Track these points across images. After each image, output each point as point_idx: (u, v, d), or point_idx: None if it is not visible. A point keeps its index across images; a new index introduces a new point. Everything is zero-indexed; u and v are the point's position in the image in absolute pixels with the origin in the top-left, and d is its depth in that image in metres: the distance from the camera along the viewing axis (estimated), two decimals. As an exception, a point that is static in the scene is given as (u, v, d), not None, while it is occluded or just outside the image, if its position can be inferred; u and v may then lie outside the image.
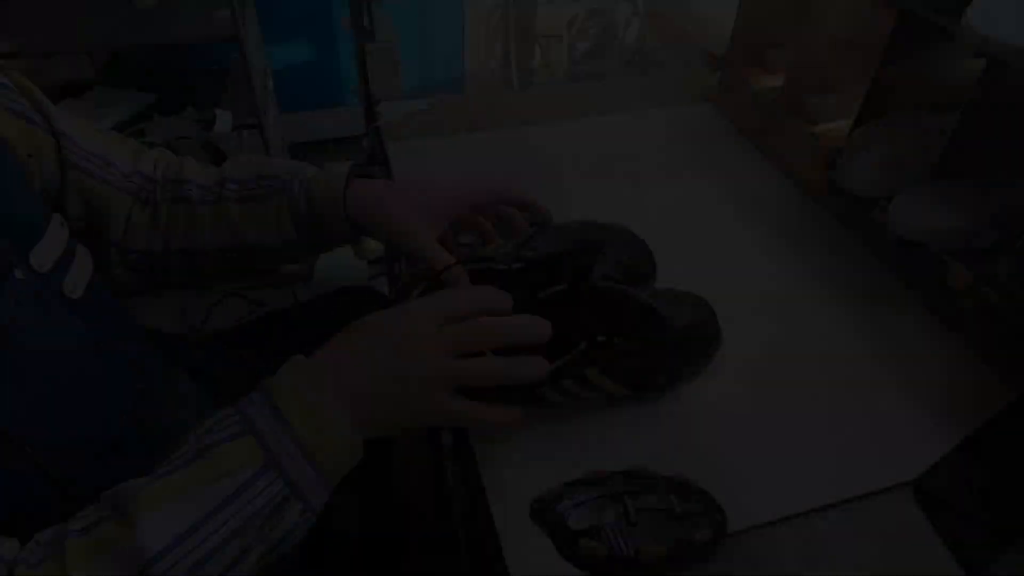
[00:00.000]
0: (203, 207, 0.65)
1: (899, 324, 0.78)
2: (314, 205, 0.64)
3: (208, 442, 0.44)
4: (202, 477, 0.43)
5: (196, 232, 0.65)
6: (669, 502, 0.58)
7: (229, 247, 0.65)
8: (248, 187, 0.65)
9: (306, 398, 0.46)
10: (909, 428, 0.67)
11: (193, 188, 0.65)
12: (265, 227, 0.64)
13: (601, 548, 0.55)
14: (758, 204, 0.94)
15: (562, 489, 0.59)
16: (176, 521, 0.41)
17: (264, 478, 0.43)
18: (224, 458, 0.43)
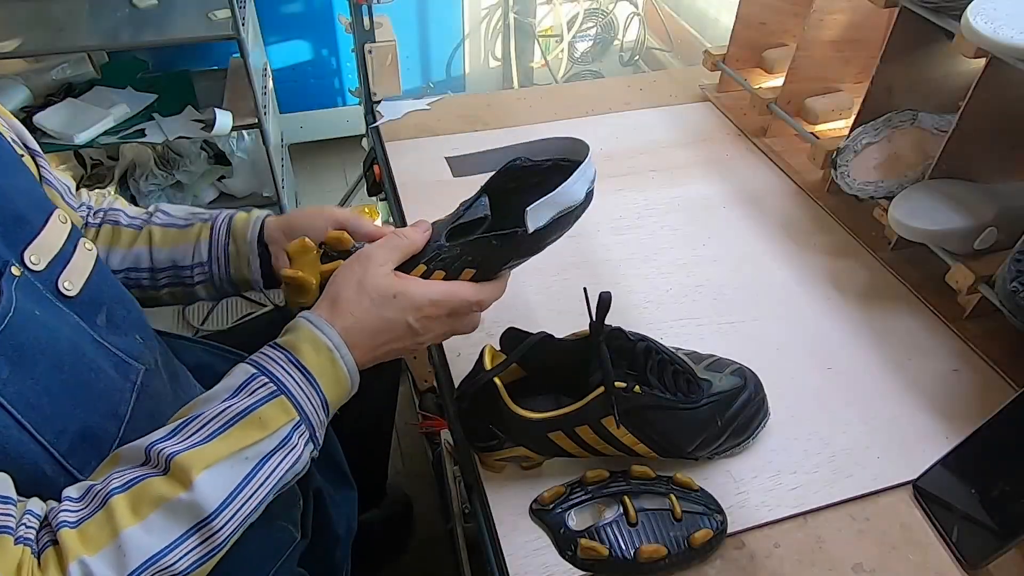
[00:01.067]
0: (127, 230, 0.69)
1: (899, 324, 0.78)
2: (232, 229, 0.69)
3: (245, 407, 0.48)
4: (247, 438, 0.47)
5: (113, 249, 0.69)
6: (669, 502, 0.58)
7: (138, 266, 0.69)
8: (177, 217, 0.70)
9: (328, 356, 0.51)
10: (909, 428, 0.67)
11: (122, 216, 0.70)
12: (179, 245, 0.69)
13: (601, 548, 0.55)
14: (758, 204, 0.94)
15: (562, 489, 0.59)
16: (230, 477, 0.46)
17: (297, 431, 0.50)
18: (264, 419, 0.48)
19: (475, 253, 0.57)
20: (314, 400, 0.51)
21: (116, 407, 0.53)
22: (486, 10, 2.29)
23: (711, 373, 0.63)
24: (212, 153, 1.93)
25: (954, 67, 0.86)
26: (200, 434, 0.47)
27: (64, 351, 0.50)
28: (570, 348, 0.60)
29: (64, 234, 0.54)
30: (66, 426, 0.49)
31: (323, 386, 0.51)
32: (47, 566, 0.41)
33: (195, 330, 1.85)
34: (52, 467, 0.48)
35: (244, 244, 0.69)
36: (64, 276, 0.52)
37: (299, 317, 0.53)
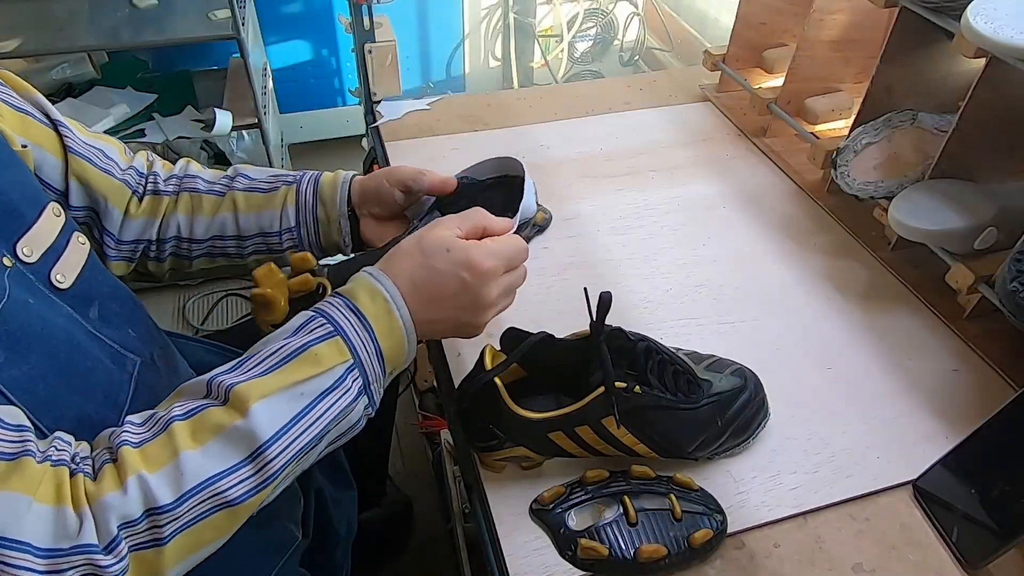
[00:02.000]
0: (209, 196, 0.69)
1: (899, 324, 0.78)
2: (320, 191, 0.69)
3: (302, 344, 0.49)
4: (303, 372, 0.48)
5: (196, 218, 0.68)
6: (669, 502, 0.58)
7: (223, 234, 0.69)
8: (259, 180, 0.70)
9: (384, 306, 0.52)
10: (909, 428, 0.67)
11: (200, 181, 0.69)
12: (266, 211, 0.69)
13: (601, 548, 0.55)
14: (758, 204, 0.94)
15: (562, 489, 0.59)
16: (285, 409, 0.47)
17: (351, 375, 0.50)
18: (319, 356, 0.49)
19: None
20: (369, 348, 0.51)
21: (115, 396, 0.54)
22: (486, 10, 2.29)
23: (711, 373, 0.63)
24: (212, 153, 1.93)
25: (954, 67, 0.86)
26: (259, 368, 0.48)
27: (59, 340, 0.50)
28: (570, 348, 0.61)
29: (57, 227, 0.54)
30: (63, 412, 0.49)
31: (378, 333, 0.51)
32: (103, 478, 0.42)
33: (195, 330, 1.86)
34: None
35: (333, 208, 0.69)
36: (57, 269, 0.52)
37: (362, 270, 0.55)
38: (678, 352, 0.62)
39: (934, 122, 0.85)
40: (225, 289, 1.98)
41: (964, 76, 0.86)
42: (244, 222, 0.69)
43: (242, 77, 1.62)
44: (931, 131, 0.85)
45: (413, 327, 0.54)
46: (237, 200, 0.68)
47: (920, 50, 0.83)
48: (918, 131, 0.86)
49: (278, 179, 0.70)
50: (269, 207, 0.69)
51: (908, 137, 0.85)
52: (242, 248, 0.70)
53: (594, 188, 0.96)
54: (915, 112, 0.86)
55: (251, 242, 0.70)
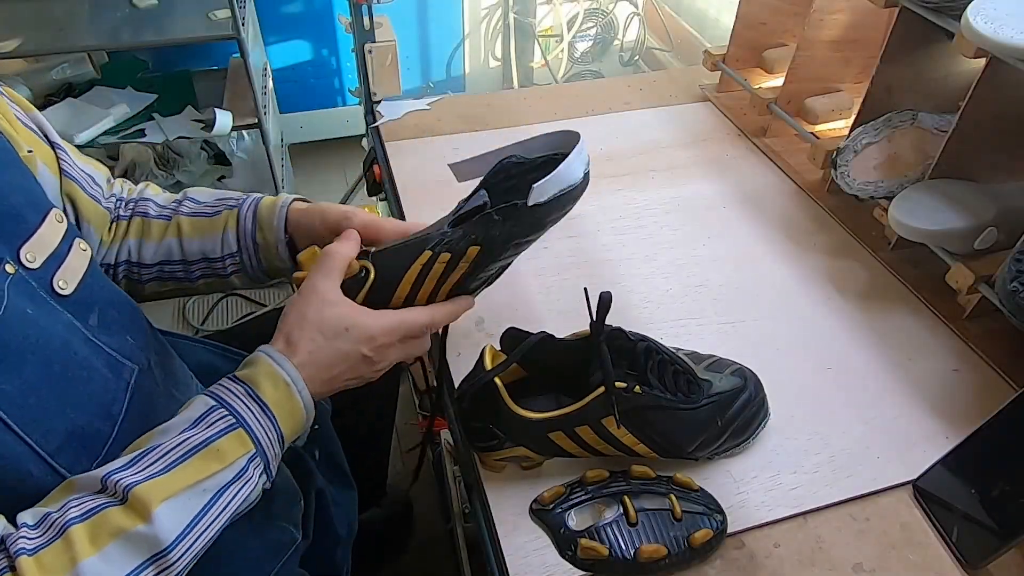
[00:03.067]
0: (157, 221, 0.68)
1: (899, 324, 0.78)
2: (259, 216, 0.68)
3: (203, 438, 0.48)
4: (205, 469, 0.48)
5: (145, 243, 0.68)
6: (669, 502, 0.58)
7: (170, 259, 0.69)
8: (204, 204, 0.69)
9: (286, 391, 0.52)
10: (909, 428, 0.67)
11: (151, 206, 0.69)
12: (208, 236, 0.68)
13: (601, 548, 0.55)
14: (758, 204, 0.94)
15: (562, 489, 0.59)
16: (188, 508, 0.47)
17: (253, 463, 0.50)
18: (222, 452, 0.49)
19: (479, 231, 0.57)
20: (271, 433, 0.51)
21: (109, 406, 0.53)
22: (486, 10, 2.29)
23: (711, 373, 0.63)
24: (212, 153, 1.93)
25: (954, 67, 0.86)
26: (158, 464, 0.47)
27: (55, 350, 0.49)
28: (570, 348, 0.61)
29: (60, 233, 0.54)
30: (54, 426, 0.48)
31: (280, 420, 0.52)
32: None
33: (195, 330, 1.86)
34: (39, 467, 0.47)
35: (271, 233, 0.68)
36: (59, 275, 0.52)
37: (258, 351, 0.54)
38: (678, 352, 0.62)
39: (934, 122, 0.85)
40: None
41: (964, 76, 0.86)
42: (188, 247, 0.68)
43: (242, 77, 1.62)
44: (931, 131, 0.85)
45: (312, 405, 0.54)
46: (182, 225, 0.68)
47: (920, 50, 0.83)
48: (918, 131, 0.85)
49: (221, 203, 0.69)
50: (211, 232, 0.68)
51: (908, 137, 0.85)
52: (189, 273, 0.69)
53: (594, 188, 0.95)
54: (915, 112, 0.86)
55: (196, 267, 0.69)
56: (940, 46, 0.82)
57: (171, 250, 0.68)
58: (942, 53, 0.84)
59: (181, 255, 0.68)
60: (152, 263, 0.68)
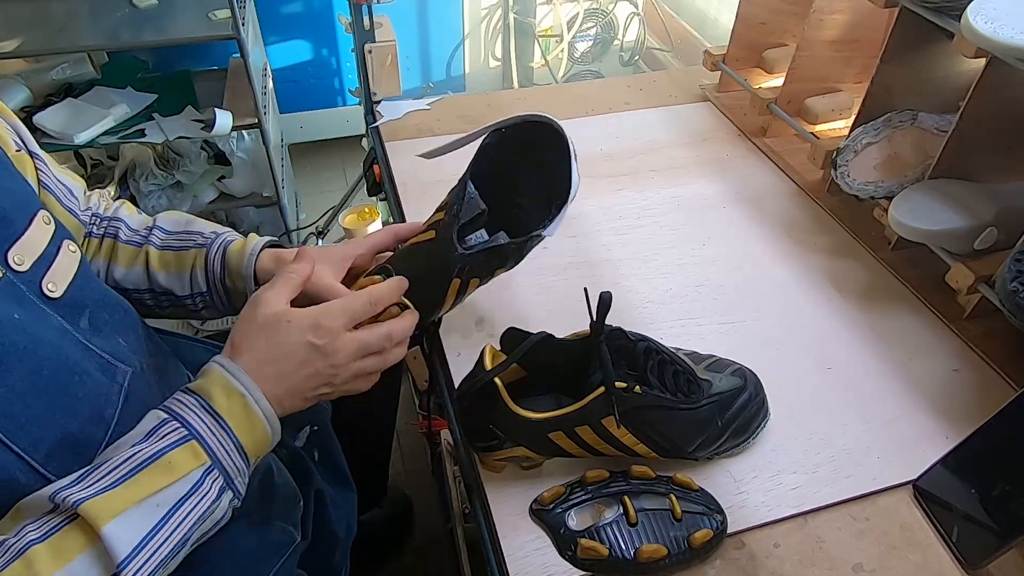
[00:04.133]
0: (126, 246, 0.68)
1: (899, 324, 0.78)
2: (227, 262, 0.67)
3: (154, 451, 0.47)
4: (156, 482, 0.46)
5: (113, 267, 0.68)
6: (669, 502, 0.58)
7: (138, 287, 0.68)
8: (172, 236, 0.69)
9: (240, 401, 0.51)
10: (909, 428, 0.67)
11: (123, 228, 0.69)
12: (176, 273, 0.68)
13: (601, 548, 0.55)
14: (758, 204, 0.94)
15: (562, 489, 0.59)
16: (140, 525, 0.45)
17: (209, 476, 0.48)
18: (173, 464, 0.47)
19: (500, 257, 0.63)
20: (227, 444, 0.50)
21: (102, 411, 0.52)
22: (486, 10, 2.29)
23: (711, 373, 0.63)
24: (212, 153, 1.92)
25: (954, 67, 0.86)
26: (107, 480, 0.45)
27: (44, 355, 0.49)
28: (570, 348, 0.61)
29: (48, 235, 0.53)
30: (43, 433, 0.48)
31: (235, 430, 0.50)
32: None
33: (195, 330, 1.86)
34: (27, 475, 0.47)
35: (240, 280, 0.67)
36: (48, 277, 0.52)
37: (211, 361, 0.53)
38: (678, 352, 0.62)
39: (934, 122, 0.85)
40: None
41: (964, 76, 0.86)
42: (155, 279, 0.68)
43: (242, 77, 1.62)
44: (931, 131, 0.85)
45: (273, 413, 0.52)
46: (150, 256, 0.67)
47: (920, 50, 0.83)
48: (918, 131, 0.85)
49: (190, 239, 0.68)
50: (179, 269, 0.68)
51: (908, 137, 0.85)
52: (158, 301, 0.69)
53: (594, 188, 0.96)
54: (915, 112, 0.86)
55: (165, 298, 0.69)
56: (940, 46, 0.82)
57: (139, 278, 0.68)
58: (942, 53, 0.84)
59: (148, 284, 0.68)
60: (120, 286, 0.68)
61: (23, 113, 1.62)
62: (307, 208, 2.24)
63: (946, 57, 0.84)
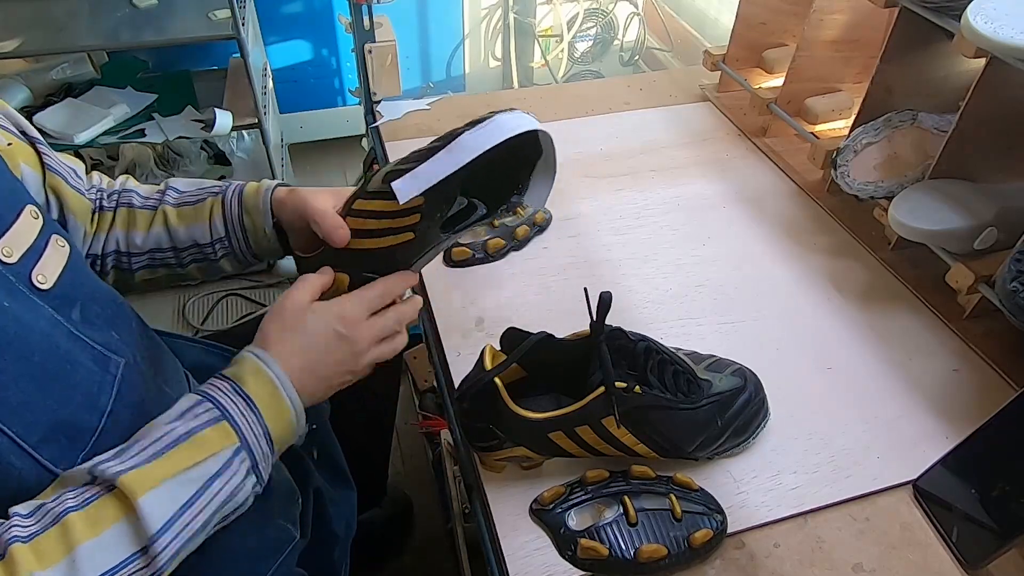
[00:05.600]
0: (142, 211, 0.70)
1: (899, 324, 0.78)
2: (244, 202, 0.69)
3: (187, 429, 0.49)
4: (190, 458, 0.48)
5: (133, 232, 0.69)
6: (669, 502, 0.58)
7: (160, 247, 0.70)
8: (187, 193, 0.71)
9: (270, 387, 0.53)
10: (909, 428, 0.67)
11: (135, 196, 0.70)
12: (196, 224, 0.69)
13: (601, 548, 0.55)
14: (758, 204, 0.94)
15: (562, 489, 0.59)
16: (173, 499, 0.47)
17: (238, 456, 0.50)
18: (206, 442, 0.49)
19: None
20: (256, 428, 0.52)
21: (96, 398, 0.53)
22: (486, 10, 2.29)
23: (711, 373, 0.63)
24: (212, 153, 1.93)
25: (954, 67, 0.86)
26: (143, 455, 0.48)
27: (35, 343, 0.49)
28: (570, 348, 0.61)
29: (36, 229, 0.54)
30: (36, 418, 0.48)
31: (264, 414, 0.52)
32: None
33: (195, 330, 1.86)
34: (21, 459, 0.47)
35: (258, 216, 0.69)
36: (37, 269, 0.52)
37: (244, 350, 0.55)
38: (678, 352, 0.62)
39: (934, 122, 0.85)
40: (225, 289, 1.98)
41: (964, 76, 0.86)
42: (176, 235, 0.69)
43: (242, 77, 1.62)
44: (931, 131, 0.85)
45: (299, 401, 0.54)
46: (168, 214, 0.69)
47: (920, 50, 0.83)
48: (918, 131, 0.85)
49: (204, 191, 0.71)
50: (198, 220, 0.69)
51: (908, 137, 0.85)
52: (180, 259, 0.71)
53: (594, 188, 0.96)
54: (915, 112, 0.86)
55: (187, 253, 0.70)
56: (940, 46, 0.82)
57: (160, 238, 0.69)
58: (942, 53, 0.84)
59: (171, 243, 0.70)
60: (142, 251, 0.69)
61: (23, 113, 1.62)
62: (307, 208, 2.24)
63: (946, 57, 0.84)
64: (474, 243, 0.83)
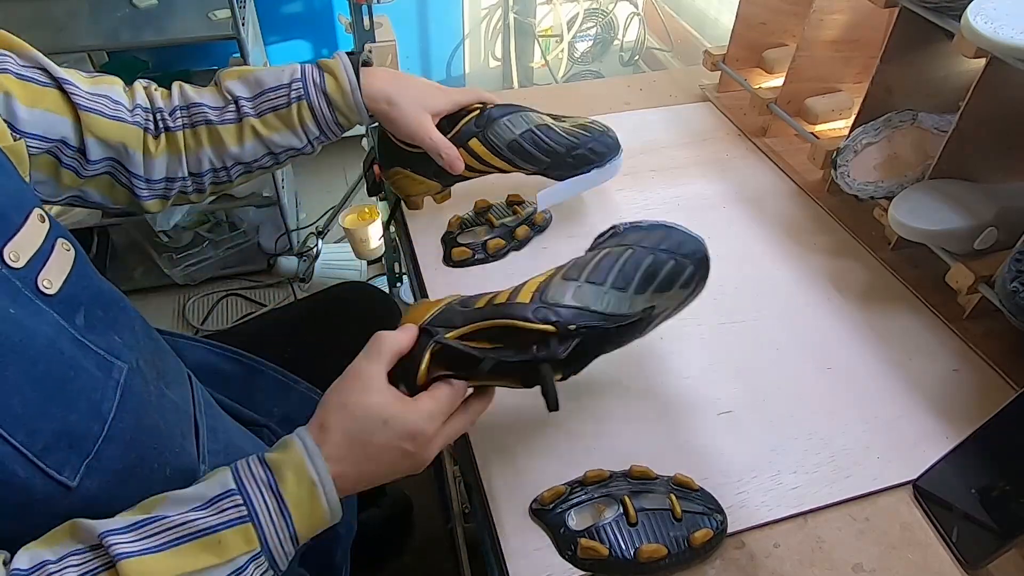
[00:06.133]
0: (224, 127, 0.71)
1: (899, 324, 0.78)
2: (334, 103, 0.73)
3: (209, 525, 0.46)
4: (201, 560, 0.45)
5: (224, 149, 0.71)
6: (669, 502, 0.58)
7: (256, 156, 0.73)
8: (259, 101, 0.72)
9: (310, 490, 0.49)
10: (909, 428, 0.67)
11: (208, 111, 0.70)
12: (287, 130, 0.73)
13: (601, 548, 0.55)
14: (758, 204, 0.94)
15: (562, 489, 0.59)
16: None
17: (254, 562, 0.47)
18: (225, 546, 0.46)
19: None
20: (282, 533, 0.48)
21: (99, 405, 0.52)
22: (486, 10, 2.29)
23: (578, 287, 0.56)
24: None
25: (954, 67, 0.86)
26: (156, 540, 0.45)
27: (39, 349, 0.49)
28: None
29: (43, 232, 0.53)
30: (40, 426, 0.47)
31: (295, 518, 0.48)
32: None
33: (195, 330, 1.86)
34: (25, 468, 0.47)
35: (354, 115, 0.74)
36: (43, 274, 0.51)
37: (295, 436, 0.51)
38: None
39: (934, 122, 0.85)
40: (225, 289, 1.98)
41: (964, 76, 0.86)
42: (271, 142, 0.72)
43: (242, 77, 1.62)
44: (931, 131, 0.85)
45: (339, 504, 0.50)
46: (256, 127, 0.71)
47: (920, 50, 0.83)
48: (918, 131, 0.86)
49: (278, 96, 0.72)
50: (289, 128, 0.72)
51: (908, 137, 0.85)
52: (277, 159, 0.75)
53: (594, 188, 0.96)
54: (915, 112, 0.86)
55: (284, 154, 0.75)
56: (940, 46, 0.82)
57: (256, 150, 0.72)
58: (942, 53, 0.84)
59: (267, 150, 0.73)
60: (239, 162, 0.73)
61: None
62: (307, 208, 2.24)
63: (946, 57, 0.84)
64: (474, 243, 0.83)
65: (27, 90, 0.58)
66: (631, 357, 0.72)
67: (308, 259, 1.99)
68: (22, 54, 0.61)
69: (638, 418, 0.67)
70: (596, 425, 0.66)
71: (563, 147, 0.81)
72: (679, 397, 0.69)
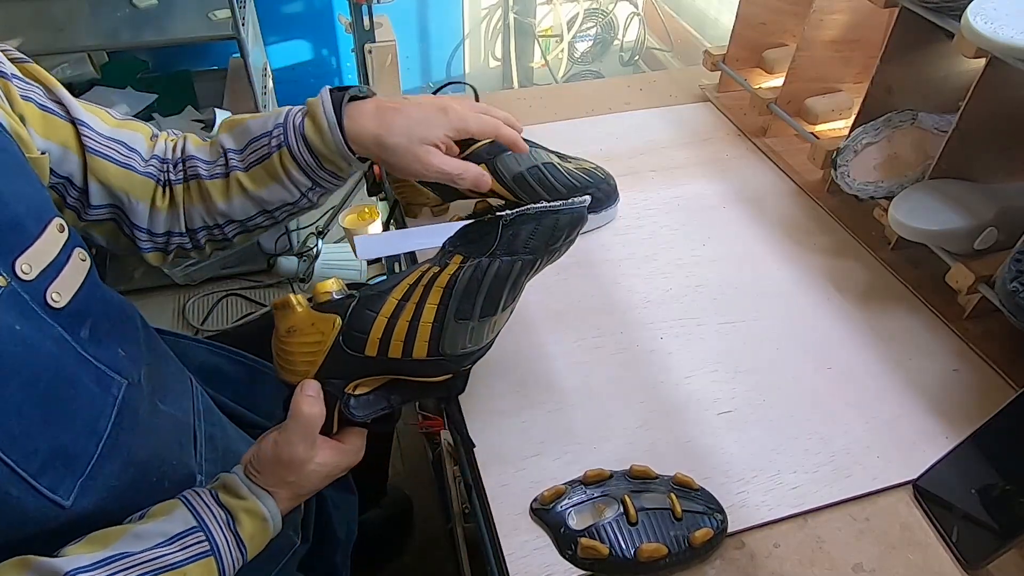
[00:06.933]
0: (213, 182, 0.66)
1: (899, 324, 0.78)
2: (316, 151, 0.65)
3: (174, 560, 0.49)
4: None
5: (214, 205, 0.66)
6: (669, 501, 0.58)
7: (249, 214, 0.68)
8: (245, 152, 0.66)
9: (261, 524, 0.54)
10: (909, 428, 0.67)
11: (199, 165, 0.66)
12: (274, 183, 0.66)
13: (601, 547, 0.55)
14: (758, 204, 0.94)
15: (562, 489, 0.59)
16: None
17: None
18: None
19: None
20: (238, 563, 0.53)
21: (95, 423, 0.52)
22: (486, 10, 2.29)
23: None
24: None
25: (954, 67, 0.86)
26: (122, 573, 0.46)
27: (42, 367, 0.48)
28: None
29: (60, 243, 0.52)
30: (37, 446, 0.47)
31: (249, 549, 0.53)
32: None
33: (195, 330, 1.86)
34: (20, 488, 0.46)
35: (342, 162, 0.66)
36: (54, 287, 0.51)
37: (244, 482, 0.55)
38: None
39: (934, 122, 0.85)
40: (225, 289, 1.99)
41: (964, 76, 0.86)
42: (260, 198, 0.67)
43: (242, 77, 1.62)
44: (931, 131, 0.85)
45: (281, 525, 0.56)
46: (242, 181, 0.66)
47: (920, 50, 0.83)
48: (918, 131, 0.86)
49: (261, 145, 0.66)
50: (276, 180, 0.66)
51: (908, 137, 0.86)
52: (273, 217, 0.69)
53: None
54: (915, 112, 0.86)
55: (280, 212, 0.69)
56: (940, 46, 0.82)
57: (246, 206, 0.67)
58: (942, 53, 0.84)
59: (259, 206, 0.67)
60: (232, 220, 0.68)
61: (23, 113, 1.62)
62: (307, 208, 2.24)
63: (946, 57, 0.85)
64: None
65: (46, 121, 0.57)
66: (631, 357, 0.72)
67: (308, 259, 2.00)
68: (50, 88, 0.59)
69: (638, 417, 0.67)
70: (596, 425, 0.66)
71: (565, 188, 0.80)
72: (679, 397, 0.69)
